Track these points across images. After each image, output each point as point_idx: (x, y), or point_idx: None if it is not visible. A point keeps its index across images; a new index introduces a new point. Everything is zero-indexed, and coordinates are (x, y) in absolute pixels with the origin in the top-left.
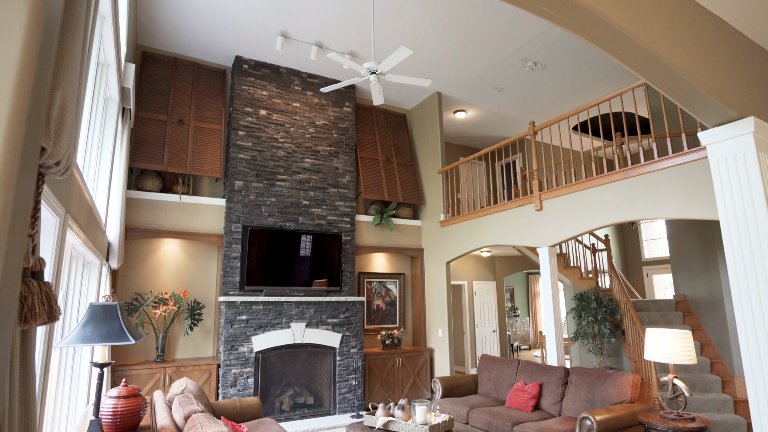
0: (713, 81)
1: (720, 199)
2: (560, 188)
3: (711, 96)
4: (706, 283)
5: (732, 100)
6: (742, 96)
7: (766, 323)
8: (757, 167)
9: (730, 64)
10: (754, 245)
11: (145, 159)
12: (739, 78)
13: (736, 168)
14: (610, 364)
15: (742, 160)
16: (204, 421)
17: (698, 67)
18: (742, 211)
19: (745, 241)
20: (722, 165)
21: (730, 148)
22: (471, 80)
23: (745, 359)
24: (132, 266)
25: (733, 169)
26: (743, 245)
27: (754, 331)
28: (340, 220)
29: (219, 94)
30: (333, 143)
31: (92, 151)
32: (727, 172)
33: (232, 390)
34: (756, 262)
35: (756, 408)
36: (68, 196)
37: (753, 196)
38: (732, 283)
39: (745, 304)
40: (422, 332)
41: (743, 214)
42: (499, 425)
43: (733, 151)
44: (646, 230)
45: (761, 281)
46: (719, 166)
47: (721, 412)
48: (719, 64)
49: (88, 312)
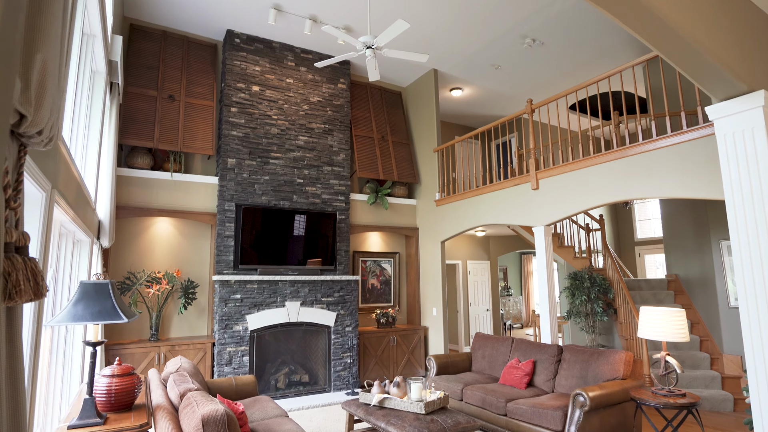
0: (725, 52)
1: (726, 175)
2: (557, 167)
3: (722, 68)
4: (699, 263)
5: (742, 73)
6: (752, 69)
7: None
8: (765, 142)
9: (741, 36)
10: (760, 222)
11: (135, 135)
12: (750, 50)
13: (743, 143)
14: (602, 342)
15: (750, 134)
16: (200, 399)
17: (711, 38)
18: (748, 188)
19: (750, 218)
20: (729, 140)
21: (738, 122)
22: (468, 57)
23: (746, 338)
24: (124, 245)
25: (741, 144)
26: (748, 222)
27: (756, 310)
28: (335, 198)
29: (210, 69)
30: (327, 120)
31: (79, 125)
32: (734, 147)
33: (227, 368)
34: (761, 238)
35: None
36: (55, 171)
37: (760, 172)
38: (735, 259)
39: (748, 280)
40: (417, 311)
41: (749, 190)
42: (493, 401)
43: (741, 125)
44: (640, 211)
45: (765, 254)
46: (726, 141)
47: (709, 388)
48: (731, 36)
49: (79, 290)
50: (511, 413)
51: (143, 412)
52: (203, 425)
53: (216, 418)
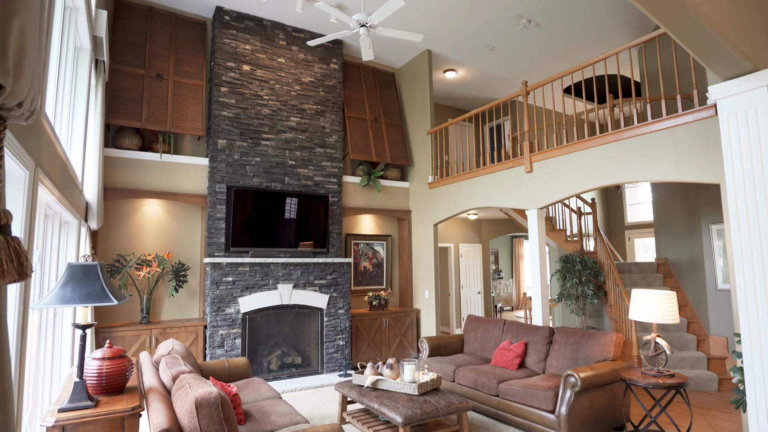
0: (731, 29)
1: (727, 155)
2: (551, 150)
3: (728, 45)
4: (688, 247)
5: (747, 51)
6: (758, 47)
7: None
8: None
9: (748, 12)
10: (760, 202)
11: (123, 115)
12: (756, 28)
13: (746, 123)
14: (592, 324)
15: (753, 114)
16: (192, 381)
17: (717, 12)
18: (749, 169)
19: (750, 198)
20: (732, 120)
21: (742, 102)
22: (462, 38)
23: (743, 321)
24: (113, 227)
25: (743, 124)
26: (748, 203)
27: (754, 293)
28: (327, 180)
29: (199, 47)
30: (319, 101)
31: (63, 103)
32: (737, 127)
33: (220, 351)
34: (761, 219)
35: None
36: (38, 149)
37: (762, 153)
38: (734, 242)
39: (746, 265)
40: (409, 293)
41: (751, 172)
42: (485, 383)
43: (744, 105)
44: (631, 195)
45: (765, 240)
46: (729, 122)
47: (695, 369)
48: (738, 12)
49: (67, 272)
50: (503, 394)
51: (135, 394)
52: (197, 407)
53: (209, 400)
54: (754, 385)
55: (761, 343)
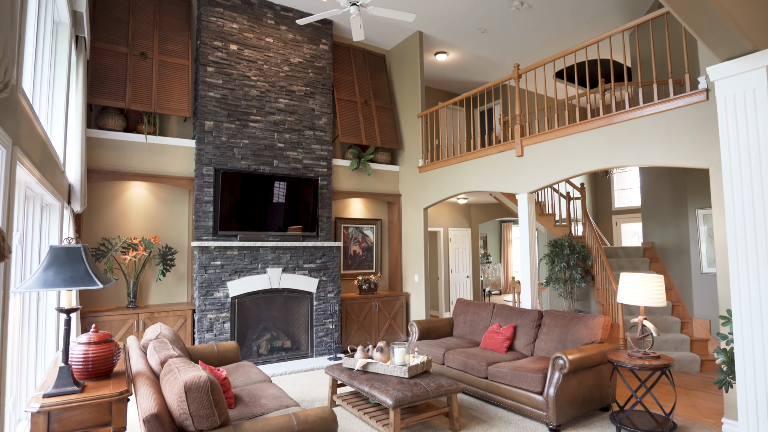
0: (733, 7)
1: (724, 137)
2: (542, 134)
3: (729, 23)
4: (675, 231)
5: (748, 30)
6: (758, 26)
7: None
8: (767, 104)
9: None
10: (756, 185)
11: (106, 95)
12: (757, 7)
13: (744, 105)
14: (579, 307)
15: (751, 96)
16: (181, 366)
17: None
18: (746, 151)
19: (746, 181)
20: (730, 102)
21: (740, 83)
22: (454, 19)
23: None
24: (97, 210)
25: (741, 106)
26: (744, 186)
27: (746, 275)
28: (317, 164)
29: (184, 25)
30: (309, 83)
31: (42, 80)
32: (734, 109)
33: (209, 335)
34: (755, 201)
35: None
36: (16, 126)
37: (759, 135)
38: (729, 223)
39: (740, 248)
40: (398, 277)
41: (747, 154)
42: (475, 365)
43: (742, 86)
44: (618, 180)
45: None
46: (726, 103)
47: (678, 350)
48: None
49: (49, 255)
50: (492, 376)
51: (123, 379)
52: (186, 392)
53: (199, 384)
54: (743, 362)
55: (752, 324)
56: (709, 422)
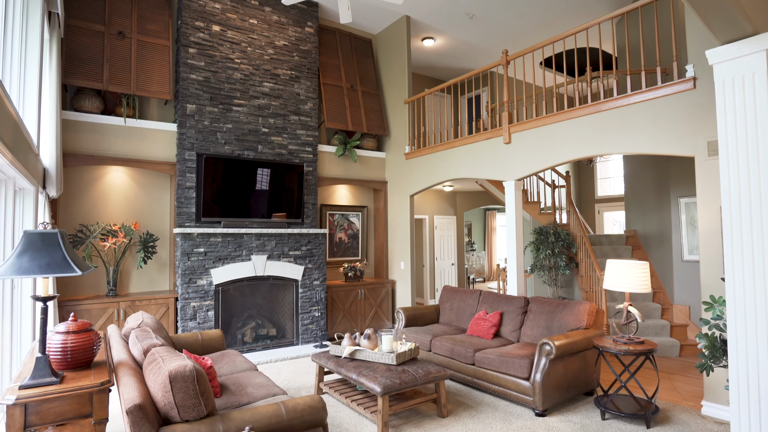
0: None
1: (722, 122)
2: (530, 121)
3: (732, 6)
4: (657, 219)
5: (750, 12)
6: (760, 8)
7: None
8: (766, 89)
9: None
10: (752, 170)
11: (82, 75)
12: None
13: (743, 90)
14: (563, 294)
15: (750, 80)
16: (165, 355)
17: None
18: (744, 137)
19: (743, 167)
20: (728, 86)
21: (739, 66)
22: (442, 4)
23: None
24: (75, 196)
25: (740, 91)
26: (740, 171)
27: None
28: (302, 149)
29: (164, 4)
30: (294, 67)
31: (13, 58)
32: (733, 94)
33: (192, 323)
34: (752, 188)
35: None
36: None
37: (758, 120)
38: (725, 207)
39: (736, 236)
40: (384, 265)
41: (745, 139)
42: (461, 351)
43: (741, 70)
44: (602, 169)
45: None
46: (725, 88)
47: (659, 336)
48: None
49: (23, 240)
50: (479, 362)
51: (104, 369)
52: (171, 381)
53: (184, 373)
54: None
55: (746, 310)
56: (689, 405)
